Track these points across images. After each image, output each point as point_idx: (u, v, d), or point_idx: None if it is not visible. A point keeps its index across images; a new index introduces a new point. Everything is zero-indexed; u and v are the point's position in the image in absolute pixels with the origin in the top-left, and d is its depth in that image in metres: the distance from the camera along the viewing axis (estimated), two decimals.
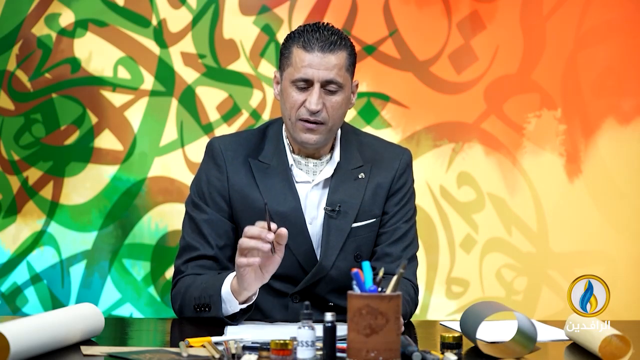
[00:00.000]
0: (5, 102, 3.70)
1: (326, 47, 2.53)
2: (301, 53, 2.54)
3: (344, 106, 2.58)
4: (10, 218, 3.70)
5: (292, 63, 2.55)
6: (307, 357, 2.00)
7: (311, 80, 2.53)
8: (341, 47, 2.55)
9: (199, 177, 2.65)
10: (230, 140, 2.66)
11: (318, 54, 2.53)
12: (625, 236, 3.84)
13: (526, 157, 3.83)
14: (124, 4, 3.72)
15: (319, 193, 2.61)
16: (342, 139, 2.65)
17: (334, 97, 2.55)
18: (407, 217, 2.66)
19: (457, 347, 2.11)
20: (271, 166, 2.60)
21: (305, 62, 2.53)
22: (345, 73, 2.56)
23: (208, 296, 2.46)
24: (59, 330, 2.12)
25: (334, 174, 2.61)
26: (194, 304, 2.49)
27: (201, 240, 2.58)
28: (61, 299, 3.70)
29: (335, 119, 2.57)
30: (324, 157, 2.63)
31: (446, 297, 3.82)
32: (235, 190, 2.60)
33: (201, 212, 2.60)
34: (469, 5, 3.80)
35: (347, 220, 2.59)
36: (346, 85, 2.57)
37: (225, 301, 2.44)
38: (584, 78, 3.84)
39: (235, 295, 2.42)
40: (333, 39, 2.54)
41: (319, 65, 2.53)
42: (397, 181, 2.66)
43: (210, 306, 2.46)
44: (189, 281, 2.55)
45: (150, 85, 3.73)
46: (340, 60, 2.55)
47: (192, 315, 2.51)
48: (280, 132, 2.64)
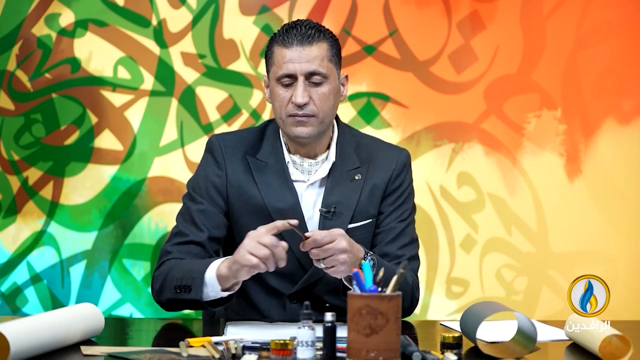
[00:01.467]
0: (5, 102, 3.70)
1: (304, 40, 2.55)
2: (281, 50, 2.56)
3: (332, 97, 2.58)
4: (10, 218, 3.70)
5: (275, 62, 2.57)
6: (307, 357, 2.00)
7: (294, 74, 2.55)
8: (320, 39, 2.57)
9: (197, 172, 2.67)
10: (229, 138, 2.67)
11: (297, 48, 2.55)
12: (625, 236, 3.84)
13: (526, 157, 3.83)
14: (124, 4, 3.72)
15: (315, 193, 2.62)
16: (339, 139, 2.65)
17: (320, 89, 2.56)
18: (403, 217, 2.66)
19: (457, 347, 2.11)
20: (269, 164, 2.62)
21: (286, 57, 2.55)
22: (329, 63, 2.57)
23: (190, 278, 2.46)
24: (59, 330, 2.12)
25: (329, 174, 2.62)
26: (175, 284, 2.49)
27: (192, 227, 2.59)
28: (61, 299, 3.70)
29: (325, 111, 2.57)
30: (319, 156, 2.64)
31: (446, 297, 3.82)
32: (233, 186, 2.61)
33: (196, 203, 2.62)
34: (469, 5, 3.80)
35: (342, 221, 2.59)
36: (331, 76, 2.57)
37: (207, 285, 2.43)
38: (584, 78, 3.84)
39: (221, 281, 2.42)
40: (310, 32, 2.57)
41: (299, 58, 2.55)
42: (394, 182, 2.66)
43: (191, 288, 2.45)
44: (173, 263, 2.55)
45: (150, 85, 3.73)
46: (321, 51, 2.56)
47: (171, 297, 2.50)
48: (277, 132, 2.66)
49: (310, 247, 2.37)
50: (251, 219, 2.57)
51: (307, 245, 2.38)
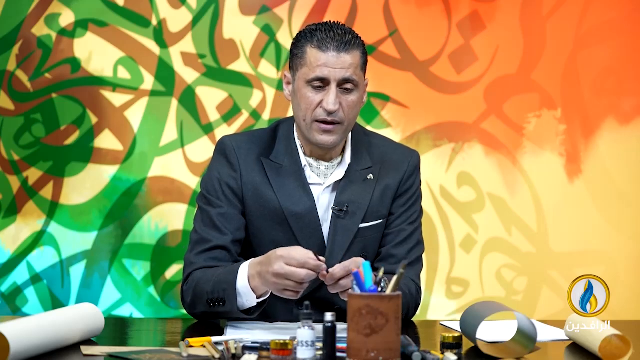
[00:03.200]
0: (5, 102, 3.70)
1: (342, 46, 2.51)
2: (316, 53, 2.52)
3: (359, 105, 2.57)
4: (10, 218, 3.70)
5: (307, 63, 2.52)
6: (307, 357, 2.00)
7: (327, 79, 2.51)
8: (355, 46, 2.54)
9: (211, 174, 2.61)
10: (242, 139, 2.63)
11: (334, 54, 2.51)
12: (625, 236, 3.84)
13: (526, 157, 3.83)
14: (124, 4, 3.72)
15: (330, 196, 2.60)
16: (353, 141, 2.64)
17: (350, 97, 2.54)
18: (412, 219, 2.65)
19: (457, 347, 2.11)
20: (284, 166, 2.58)
21: (321, 61, 2.51)
22: (360, 72, 2.55)
23: (222, 290, 2.43)
24: (59, 330, 2.12)
25: (344, 176, 2.61)
26: (207, 298, 2.45)
27: (214, 232, 2.54)
28: (61, 299, 3.70)
29: (351, 119, 2.56)
30: (335, 159, 2.62)
31: (446, 297, 3.82)
32: (249, 188, 2.57)
33: (214, 206, 2.57)
34: (469, 5, 3.80)
35: (354, 220, 2.58)
36: (360, 85, 2.56)
37: (240, 295, 2.41)
38: (584, 78, 3.84)
39: (255, 291, 2.41)
40: (348, 38, 2.53)
41: (335, 64, 2.51)
42: (405, 183, 2.65)
43: (225, 300, 2.43)
44: (199, 275, 2.51)
45: (150, 85, 3.73)
46: (355, 59, 2.53)
47: (206, 311, 2.47)
48: (291, 133, 2.62)
49: (340, 275, 2.32)
50: (266, 222, 2.55)
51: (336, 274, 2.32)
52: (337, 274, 2.33)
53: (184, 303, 2.55)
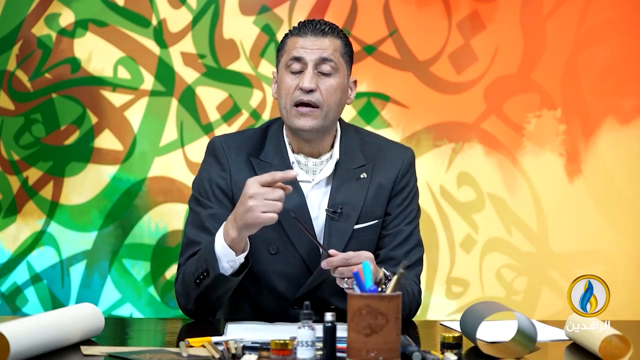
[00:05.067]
0: (5, 102, 3.70)
1: (318, 32, 2.56)
2: (295, 38, 2.57)
3: (340, 92, 2.57)
4: (10, 218, 3.70)
5: (286, 50, 2.58)
6: (307, 357, 2.00)
7: (304, 59, 2.54)
8: (334, 35, 2.58)
9: (201, 175, 2.63)
10: (232, 139, 2.64)
11: (311, 37, 2.56)
12: (625, 236, 3.84)
13: (526, 157, 3.83)
14: (124, 4, 3.72)
15: (320, 192, 2.60)
16: (342, 137, 2.64)
17: (329, 80, 2.55)
18: (409, 219, 2.64)
19: (457, 347, 2.11)
20: (273, 165, 2.58)
21: (298, 44, 2.56)
22: (340, 58, 2.56)
23: (204, 262, 2.44)
24: (59, 330, 2.12)
25: (335, 173, 2.59)
26: (194, 279, 2.46)
27: (203, 234, 2.55)
28: (61, 299, 3.70)
29: (331, 104, 2.55)
30: (323, 155, 2.62)
31: (446, 297, 3.82)
32: (239, 188, 2.57)
33: (205, 207, 2.58)
34: (469, 5, 3.80)
35: (349, 222, 2.57)
36: (341, 71, 2.56)
37: (220, 259, 2.42)
38: (584, 78, 3.84)
39: (233, 247, 2.41)
40: (326, 27, 2.58)
41: (312, 45, 2.55)
42: (400, 181, 2.64)
43: (209, 270, 2.43)
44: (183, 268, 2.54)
45: (150, 85, 3.73)
46: (335, 44, 2.57)
47: (198, 293, 2.47)
48: (280, 132, 2.63)
49: (337, 265, 2.34)
50: None
51: (334, 262, 2.35)
52: (335, 263, 2.34)
53: (179, 304, 2.56)
